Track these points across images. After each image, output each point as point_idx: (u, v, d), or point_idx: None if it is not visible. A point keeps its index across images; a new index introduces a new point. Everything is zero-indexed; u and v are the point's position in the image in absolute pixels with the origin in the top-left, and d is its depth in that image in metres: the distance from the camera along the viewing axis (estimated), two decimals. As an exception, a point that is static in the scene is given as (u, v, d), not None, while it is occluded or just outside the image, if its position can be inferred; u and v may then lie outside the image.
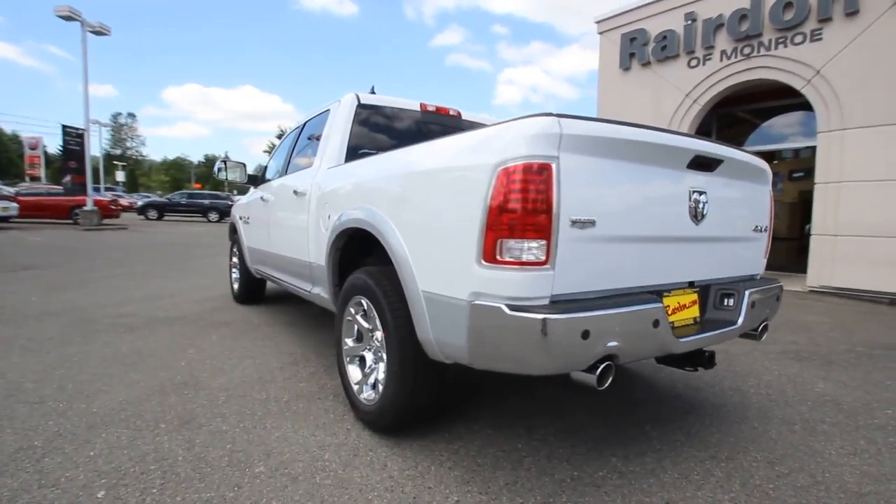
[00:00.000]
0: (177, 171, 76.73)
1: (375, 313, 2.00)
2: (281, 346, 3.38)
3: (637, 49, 7.87)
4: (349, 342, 2.33)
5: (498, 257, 1.38)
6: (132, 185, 58.55)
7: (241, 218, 4.55)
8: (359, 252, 2.48)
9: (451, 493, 1.68)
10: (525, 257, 1.37)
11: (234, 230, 5.03)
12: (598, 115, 8.90)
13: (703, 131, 7.83)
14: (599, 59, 8.54)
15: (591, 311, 1.37)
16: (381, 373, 2.07)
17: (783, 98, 6.81)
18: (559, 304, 1.41)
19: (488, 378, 2.74)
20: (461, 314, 1.52)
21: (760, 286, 2.06)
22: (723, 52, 6.92)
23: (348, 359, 2.32)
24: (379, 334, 2.12)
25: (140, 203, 27.20)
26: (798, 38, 6.15)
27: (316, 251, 2.70)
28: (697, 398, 2.63)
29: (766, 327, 2.12)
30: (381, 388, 2.01)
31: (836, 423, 2.35)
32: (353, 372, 2.29)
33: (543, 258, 1.37)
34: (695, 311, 1.90)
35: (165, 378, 2.70)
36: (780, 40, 6.30)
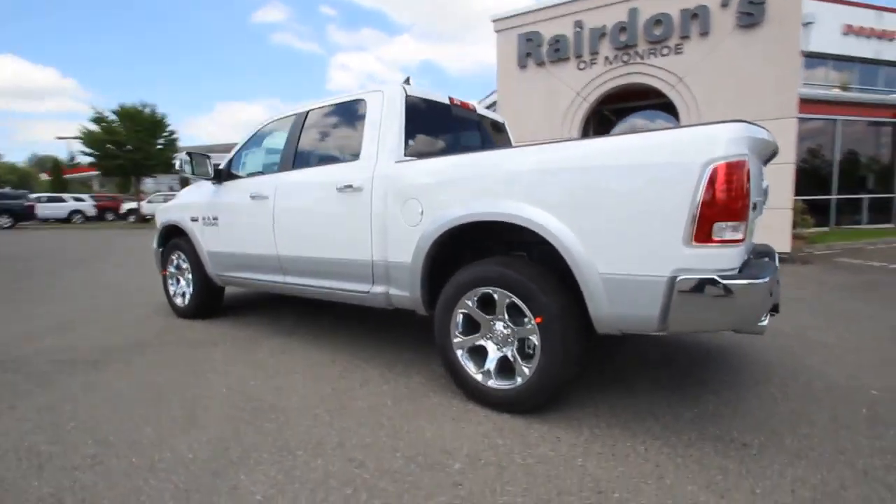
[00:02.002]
0: (-83, 165, 57.64)
1: (521, 302, 2.09)
2: (310, 356, 3.13)
3: (533, 49, 8.70)
4: (458, 335, 2.37)
5: (714, 237, 1.66)
6: None
7: (196, 219, 3.93)
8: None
9: (635, 444, 1.93)
10: (730, 236, 1.67)
11: (170, 234, 4.32)
12: (498, 109, 9.63)
13: (586, 126, 9.06)
14: (497, 55, 9.18)
15: (768, 275, 1.75)
16: (518, 358, 2.18)
17: (651, 98, 8.29)
18: (742, 271, 1.76)
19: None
20: (657, 289, 1.76)
21: (772, 248, 2.72)
22: (606, 58, 8.11)
23: (460, 352, 2.36)
24: (500, 325, 2.23)
25: None
26: (665, 51, 7.56)
27: (388, 249, 2.60)
28: (701, 346, 3.28)
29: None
30: (526, 370, 2.13)
31: (795, 346, 3.19)
32: (468, 363, 2.34)
33: (741, 236, 1.69)
34: (753, 272, 2.45)
35: (227, 408, 2.36)
36: (652, 51, 7.67)
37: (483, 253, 2.55)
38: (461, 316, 2.35)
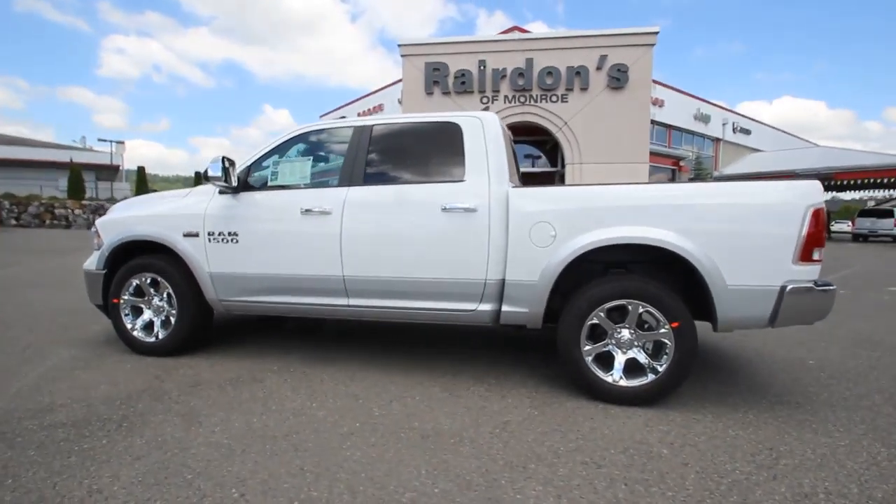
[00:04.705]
0: None
1: (656, 310, 2.56)
2: (391, 379, 3.00)
3: (440, 79, 9.29)
4: (588, 344, 2.70)
5: (814, 257, 2.41)
6: None
7: (194, 234, 3.28)
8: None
9: (745, 415, 2.54)
10: (817, 257, 2.46)
11: (126, 253, 3.49)
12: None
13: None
14: (403, 79, 9.48)
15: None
16: (651, 359, 2.63)
17: (539, 135, 9.69)
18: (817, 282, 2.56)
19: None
20: (770, 296, 2.44)
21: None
22: (506, 97, 9.20)
23: (589, 358, 2.69)
24: (626, 332, 2.67)
25: None
26: (554, 98, 9.00)
27: (507, 268, 2.77)
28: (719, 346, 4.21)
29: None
30: (659, 368, 2.59)
31: (733, 338, 4.37)
32: (597, 368, 2.69)
33: (820, 258, 2.49)
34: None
35: (393, 439, 2.22)
36: (543, 97, 9.03)
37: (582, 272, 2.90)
38: (589, 327, 2.69)
